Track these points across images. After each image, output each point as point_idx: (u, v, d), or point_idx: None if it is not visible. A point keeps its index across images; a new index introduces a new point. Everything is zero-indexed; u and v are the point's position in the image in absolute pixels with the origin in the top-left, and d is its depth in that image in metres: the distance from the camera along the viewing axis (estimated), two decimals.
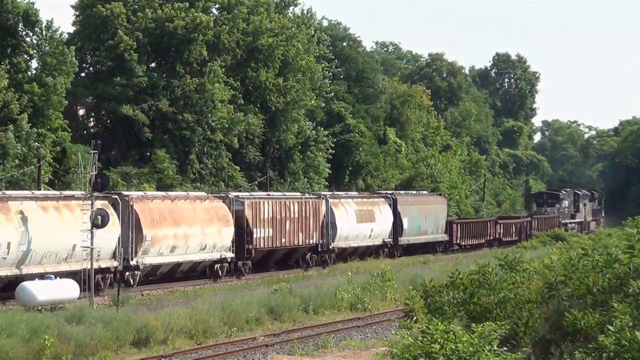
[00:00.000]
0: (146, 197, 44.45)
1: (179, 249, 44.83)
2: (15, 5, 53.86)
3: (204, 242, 46.16)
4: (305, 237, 53.53)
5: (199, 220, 46.10)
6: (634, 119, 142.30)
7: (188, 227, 45.30)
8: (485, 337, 14.72)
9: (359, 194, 64.80)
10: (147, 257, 43.00)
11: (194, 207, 46.60)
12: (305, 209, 53.61)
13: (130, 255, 41.87)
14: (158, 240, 43.36)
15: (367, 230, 59.24)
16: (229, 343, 29.94)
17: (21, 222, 37.16)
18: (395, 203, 62.65)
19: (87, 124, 68.82)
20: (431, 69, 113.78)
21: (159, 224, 43.57)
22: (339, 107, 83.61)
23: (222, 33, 67.43)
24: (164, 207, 44.61)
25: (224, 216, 47.71)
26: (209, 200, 48.27)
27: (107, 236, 39.65)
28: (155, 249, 43.38)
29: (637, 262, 16.39)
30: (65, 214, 39.19)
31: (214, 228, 46.77)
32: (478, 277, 18.43)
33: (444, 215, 69.60)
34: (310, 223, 53.82)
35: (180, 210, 45.39)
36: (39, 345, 25.62)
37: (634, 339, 14.07)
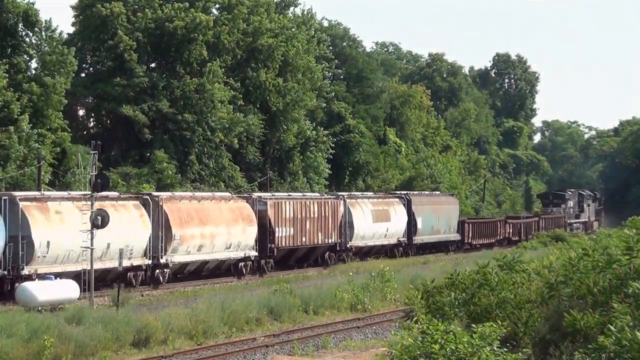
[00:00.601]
0: (174, 198, 46.27)
1: (205, 248, 46.41)
2: (15, 5, 53.86)
3: (229, 241, 47.70)
4: (325, 236, 55.16)
5: (224, 220, 47.63)
6: (634, 119, 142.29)
7: (214, 227, 46.90)
8: (486, 337, 14.72)
9: (374, 194, 66.26)
10: (176, 256, 44.71)
11: (220, 207, 48.20)
12: (324, 209, 55.29)
13: (160, 254, 43.52)
14: (186, 239, 44.98)
15: (382, 230, 60.85)
16: (229, 343, 29.94)
17: (59, 221, 38.52)
18: (410, 203, 64.37)
19: (87, 124, 68.83)
20: (431, 69, 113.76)
21: (187, 224, 45.17)
22: (339, 107, 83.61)
23: (222, 33, 67.43)
24: (191, 207, 46.28)
25: (248, 216, 49.30)
26: (234, 201, 49.94)
27: (139, 235, 41.97)
28: (183, 247, 45.00)
29: (637, 263, 16.40)
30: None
31: (238, 227, 48.35)
32: (478, 277, 18.43)
33: (456, 215, 71.31)
34: (329, 223, 55.46)
35: (206, 210, 47.07)
36: (39, 346, 25.62)
37: (634, 339, 14.07)
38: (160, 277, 43.81)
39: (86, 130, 67.69)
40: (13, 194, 38.40)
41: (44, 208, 38.50)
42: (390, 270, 41.96)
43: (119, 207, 42.08)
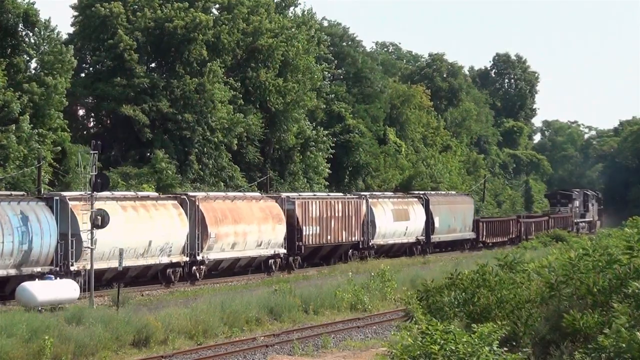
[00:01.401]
0: (210, 198, 48.58)
1: (238, 246, 48.93)
2: (15, 5, 53.83)
3: (260, 239, 50.15)
4: (348, 235, 57.50)
5: (255, 218, 50.00)
6: (634, 119, 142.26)
7: (246, 225, 49.27)
8: (485, 337, 14.72)
9: (394, 194, 68.67)
10: (212, 253, 47.13)
11: (251, 206, 50.64)
12: (348, 208, 57.66)
13: (196, 251, 45.93)
14: (221, 237, 47.37)
15: (402, 228, 63.42)
16: (229, 343, 29.97)
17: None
18: (428, 203, 66.98)
19: (87, 124, 68.79)
20: (431, 69, 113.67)
21: (222, 222, 47.51)
22: (339, 107, 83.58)
23: (222, 33, 67.40)
24: (225, 207, 48.65)
25: (277, 215, 51.69)
26: (264, 200, 52.51)
27: (178, 233, 44.38)
28: (218, 245, 47.39)
29: (637, 263, 16.40)
30: (141, 212, 43.22)
31: (268, 226, 50.75)
32: (477, 277, 18.42)
33: (471, 214, 73.80)
34: (352, 221, 57.87)
35: (239, 210, 49.47)
36: (39, 346, 25.65)
37: (634, 339, 14.07)
38: (197, 273, 46.14)
39: (86, 130, 67.65)
40: (63, 194, 40.48)
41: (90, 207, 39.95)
42: (391, 270, 42.02)
43: (159, 206, 44.51)
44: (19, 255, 37.13)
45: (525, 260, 20.76)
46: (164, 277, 44.84)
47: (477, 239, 73.29)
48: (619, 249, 17.92)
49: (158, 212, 43.79)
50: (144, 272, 43.95)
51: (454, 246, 71.13)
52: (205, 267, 46.87)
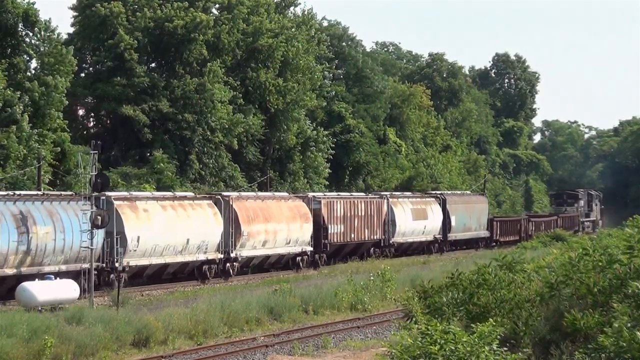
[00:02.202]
0: (242, 197, 50.89)
1: (269, 243, 51.15)
2: (15, 5, 53.83)
3: (289, 237, 52.31)
4: (370, 233, 59.69)
5: (284, 217, 52.14)
6: (634, 119, 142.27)
7: (276, 224, 51.39)
8: (485, 337, 14.72)
9: (413, 194, 71.11)
10: (244, 250, 49.24)
11: (280, 205, 52.75)
12: (370, 207, 59.86)
13: (230, 248, 48.00)
14: (253, 235, 49.56)
15: (421, 227, 65.73)
16: (229, 343, 29.96)
17: (147, 219, 43.04)
18: (445, 202, 69.37)
19: (87, 124, 68.76)
20: (431, 69, 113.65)
21: (253, 221, 49.70)
22: (339, 107, 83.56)
23: (222, 33, 67.39)
24: (256, 206, 50.90)
25: (305, 214, 53.83)
26: (292, 200, 54.66)
27: (213, 231, 46.45)
28: (250, 242, 49.55)
29: (637, 263, 16.40)
30: (180, 212, 45.30)
31: (297, 224, 52.89)
32: (477, 277, 18.43)
33: (485, 214, 76.50)
34: (374, 220, 60.03)
35: (269, 209, 51.63)
36: (39, 346, 25.64)
37: (634, 339, 14.08)
38: (231, 270, 48.22)
39: (86, 130, 67.63)
40: (108, 194, 41.69)
41: (134, 207, 42.95)
42: (391, 270, 42.02)
43: (195, 206, 46.58)
44: (68, 251, 38.83)
45: (525, 261, 20.77)
46: (199, 273, 46.91)
47: (491, 238, 75.68)
48: (619, 248, 17.92)
49: (195, 212, 45.99)
50: (182, 269, 46.24)
51: (469, 244, 73.50)
52: (238, 264, 48.91)
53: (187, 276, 46.88)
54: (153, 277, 44.85)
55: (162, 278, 45.35)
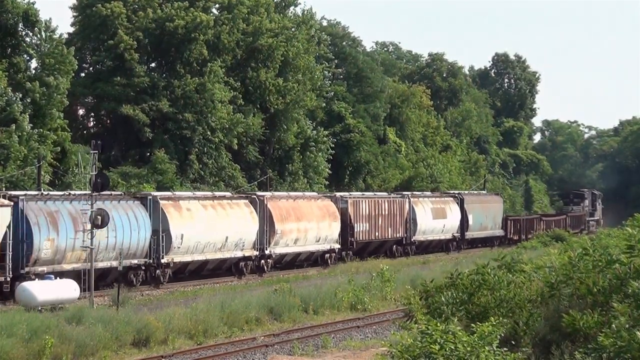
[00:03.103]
0: (275, 197, 53.39)
1: (300, 241, 53.54)
2: (15, 5, 53.82)
3: (318, 235, 54.72)
4: (393, 231, 62.26)
5: (314, 216, 54.60)
6: (634, 119, 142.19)
7: (307, 222, 53.77)
8: (485, 337, 14.72)
9: (432, 194, 73.92)
10: (277, 248, 51.85)
11: (310, 205, 55.22)
12: (393, 206, 62.34)
13: (265, 246, 50.57)
14: (285, 233, 52.04)
15: (440, 226, 68.42)
16: (229, 343, 29.97)
17: (189, 217, 45.38)
18: (462, 202, 71.91)
19: (87, 124, 68.76)
20: (431, 69, 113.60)
21: (286, 220, 52.18)
22: (339, 107, 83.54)
23: (222, 33, 67.38)
24: (288, 205, 53.29)
25: (333, 213, 56.31)
26: (321, 200, 57.33)
27: (250, 229, 49.00)
28: (283, 240, 52.05)
29: (637, 262, 16.39)
30: (219, 210, 47.61)
31: (325, 223, 55.35)
32: (477, 277, 18.42)
33: (500, 213, 79.42)
34: (397, 219, 62.60)
35: (300, 208, 54.00)
36: (39, 346, 25.65)
37: (634, 339, 14.07)
38: (265, 266, 50.64)
39: (86, 130, 67.64)
40: (154, 194, 45.03)
41: (178, 206, 45.34)
42: (391, 270, 42.02)
43: (233, 205, 49.10)
44: (119, 248, 41.01)
45: (523, 261, 20.77)
46: (237, 269, 49.20)
47: (506, 236, 77.99)
48: (619, 248, 17.92)
49: (233, 211, 48.43)
50: (220, 265, 48.69)
51: (485, 243, 75.73)
52: (272, 260, 51.43)
53: (225, 272, 49.20)
54: (194, 272, 47.44)
55: (202, 274, 47.98)
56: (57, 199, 39.59)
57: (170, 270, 44.61)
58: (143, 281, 43.25)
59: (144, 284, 43.16)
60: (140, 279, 43.09)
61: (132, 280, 42.36)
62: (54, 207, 39.15)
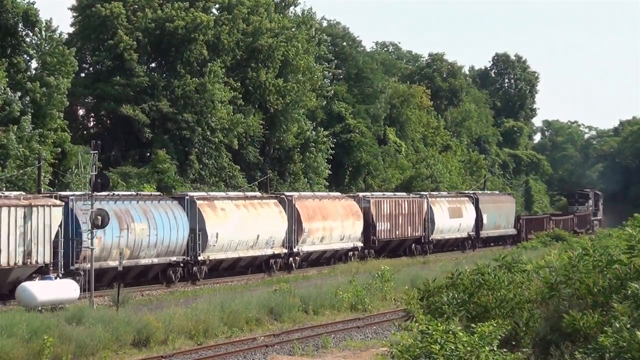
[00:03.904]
0: (302, 197, 55.54)
1: (325, 239, 55.62)
2: (15, 5, 53.82)
3: (342, 233, 56.84)
4: (413, 230, 64.39)
5: (339, 215, 56.70)
6: (634, 119, 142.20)
7: (332, 221, 55.90)
8: (485, 337, 14.71)
9: (448, 194, 76.42)
10: (305, 246, 53.98)
11: (335, 205, 57.33)
12: (412, 206, 64.42)
13: (293, 244, 52.65)
14: (312, 231, 54.15)
15: (456, 225, 70.58)
16: (229, 343, 29.96)
17: (224, 217, 47.44)
18: (477, 202, 74.15)
19: (87, 124, 68.76)
20: (431, 69, 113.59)
21: (313, 219, 54.25)
22: (339, 107, 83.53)
23: (222, 33, 67.37)
24: (315, 205, 55.39)
25: (356, 212, 58.40)
26: (345, 199, 59.45)
27: (279, 228, 51.17)
28: (310, 238, 54.20)
29: (638, 263, 16.38)
30: (250, 210, 49.76)
31: (349, 222, 57.42)
32: (477, 277, 18.40)
33: (513, 212, 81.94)
34: (415, 218, 64.67)
35: (326, 208, 56.04)
36: (39, 346, 25.63)
37: (634, 339, 14.07)
38: (293, 263, 52.75)
39: (86, 130, 67.65)
40: (191, 195, 47.35)
41: (213, 206, 47.36)
42: (391, 270, 42.02)
43: (263, 204, 51.24)
44: (160, 246, 43.47)
45: (523, 261, 20.75)
46: (266, 266, 51.38)
47: (519, 235, 79.85)
48: (619, 248, 17.90)
49: (263, 210, 50.63)
50: (252, 262, 50.86)
51: (497, 241, 78.28)
52: (299, 258, 53.45)
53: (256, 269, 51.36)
54: (228, 269, 49.65)
55: (235, 271, 50.14)
56: (103, 199, 41.20)
57: (206, 267, 46.82)
58: (181, 277, 45.64)
59: (181, 280, 45.60)
60: (178, 276, 45.44)
61: (171, 277, 44.85)
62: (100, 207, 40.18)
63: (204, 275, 46.68)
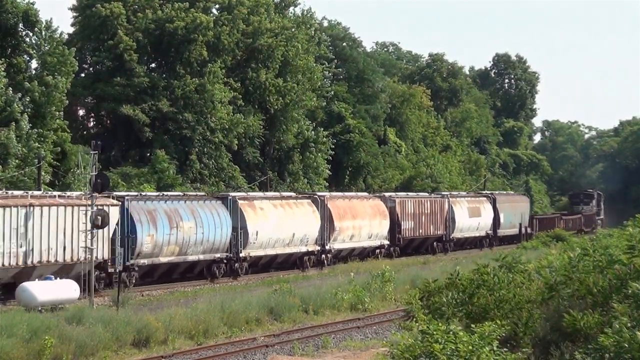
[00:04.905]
0: (334, 197, 58.13)
1: (355, 237, 58.01)
2: (15, 5, 53.81)
3: (370, 232, 59.34)
4: (435, 229, 67.04)
5: (367, 214, 59.10)
6: (634, 119, 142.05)
7: (361, 220, 58.32)
8: (485, 337, 14.71)
9: (467, 194, 79.19)
10: (336, 243, 56.49)
11: (363, 204, 59.71)
12: (434, 206, 67.11)
13: (325, 241, 55.19)
14: (343, 230, 56.66)
15: (475, 224, 73.24)
16: (229, 343, 29.96)
17: (263, 216, 50.05)
18: (495, 202, 76.93)
19: (87, 124, 68.75)
20: (431, 69, 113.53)
21: (343, 218, 56.73)
22: (339, 107, 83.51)
23: (222, 34, 67.36)
24: (345, 205, 57.87)
25: (383, 211, 60.86)
26: (372, 199, 61.86)
27: (313, 226, 53.68)
28: (341, 237, 56.73)
29: (638, 263, 16.38)
30: (287, 209, 52.26)
31: (377, 221, 59.84)
32: (476, 277, 18.41)
33: (527, 212, 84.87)
34: (437, 218, 67.31)
35: (355, 207, 58.48)
36: (40, 346, 25.63)
37: (634, 339, 14.07)
38: (325, 260, 55.04)
39: (86, 130, 67.63)
40: (233, 195, 50.05)
41: (252, 206, 49.99)
42: (391, 270, 42.01)
43: (298, 204, 53.75)
44: (205, 243, 46.09)
45: (523, 261, 20.75)
46: (300, 263, 53.75)
47: (533, 234, 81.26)
48: (619, 249, 17.90)
49: (298, 209, 53.13)
50: (287, 259, 53.44)
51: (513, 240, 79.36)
52: (331, 255, 55.72)
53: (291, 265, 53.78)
54: (266, 266, 52.19)
55: (271, 267, 52.78)
56: (154, 198, 44.60)
57: (247, 263, 49.35)
58: (224, 273, 48.02)
59: (224, 276, 47.93)
60: (222, 272, 47.77)
61: (215, 273, 47.29)
62: (152, 206, 43.94)
63: (244, 271, 49.17)
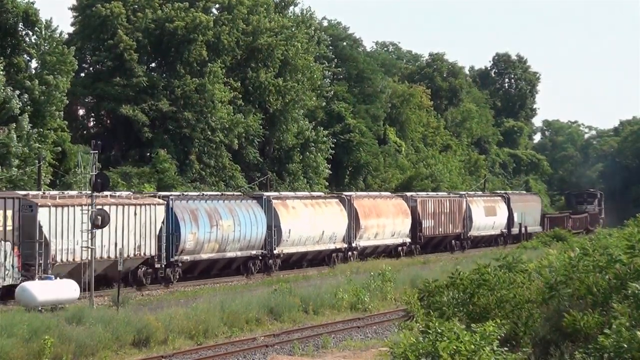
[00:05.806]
0: (359, 197, 60.17)
1: (379, 235, 60.18)
2: (15, 5, 53.81)
3: (393, 230, 61.43)
4: (453, 227, 69.22)
5: (390, 213, 61.25)
6: (634, 119, 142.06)
7: (385, 219, 60.47)
8: (486, 337, 14.72)
9: (483, 193, 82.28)
10: (362, 241, 58.55)
11: (387, 203, 61.94)
12: (453, 205, 69.13)
13: (351, 239, 57.28)
14: (368, 228, 58.79)
15: (491, 223, 75.43)
16: (229, 343, 29.95)
17: (295, 215, 52.27)
18: (509, 201, 79.01)
19: (87, 124, 68.74)
20: (431, 69, 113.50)
21: (368, 216, 58.81)
22: (340, 107, 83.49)
23: (222, 33, 67.35)
24: (370, 204, 59.89)
25: (405, 210, 63.02)
26: (395, 198, 64.11)
27: (340, 225, 55.96)
28: (366, 234, 58.87)
29: (638, 263, 16.38)
30: (316, 208, 54.45)
31: (399, 219, 62.02)
32: (477, 277, 18.39)
33: (539, 211, 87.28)
34: (456, 216, 69.45)
35: (379, 206, 60.60)
36: (39, 346, 25.61)
37: (634, 339, 14.07)
38: (351, 257, 56.85)
39: (86, 130, 67.62)
40: (267, 194, 52.18)
41: (285, 205, 52.16)
42: (391, 270, 42.01)
43: (327, 203, 56.05)
44: (242, 240, 48.34)
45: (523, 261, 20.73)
46: (328, 260, 55.45)
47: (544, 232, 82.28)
48: (619, 248, 17.89)
49: (327, 208, 55.30)
50: (317, 256, 55.42)
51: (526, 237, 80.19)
52: (357, 252, 57.52)
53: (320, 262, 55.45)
54: (298, 262, 54.36)
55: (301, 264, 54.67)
56: (195, 198, 46.97)
57: (280, 260, 51.49)
58: (259, 270, 50.13)
59: (258, 272, 50.03)
60: (257, 268, 49.92)
61: (250, 269, 49.42)
62: (194, 206, 45.96)
63: (277, 267, 51.18)
